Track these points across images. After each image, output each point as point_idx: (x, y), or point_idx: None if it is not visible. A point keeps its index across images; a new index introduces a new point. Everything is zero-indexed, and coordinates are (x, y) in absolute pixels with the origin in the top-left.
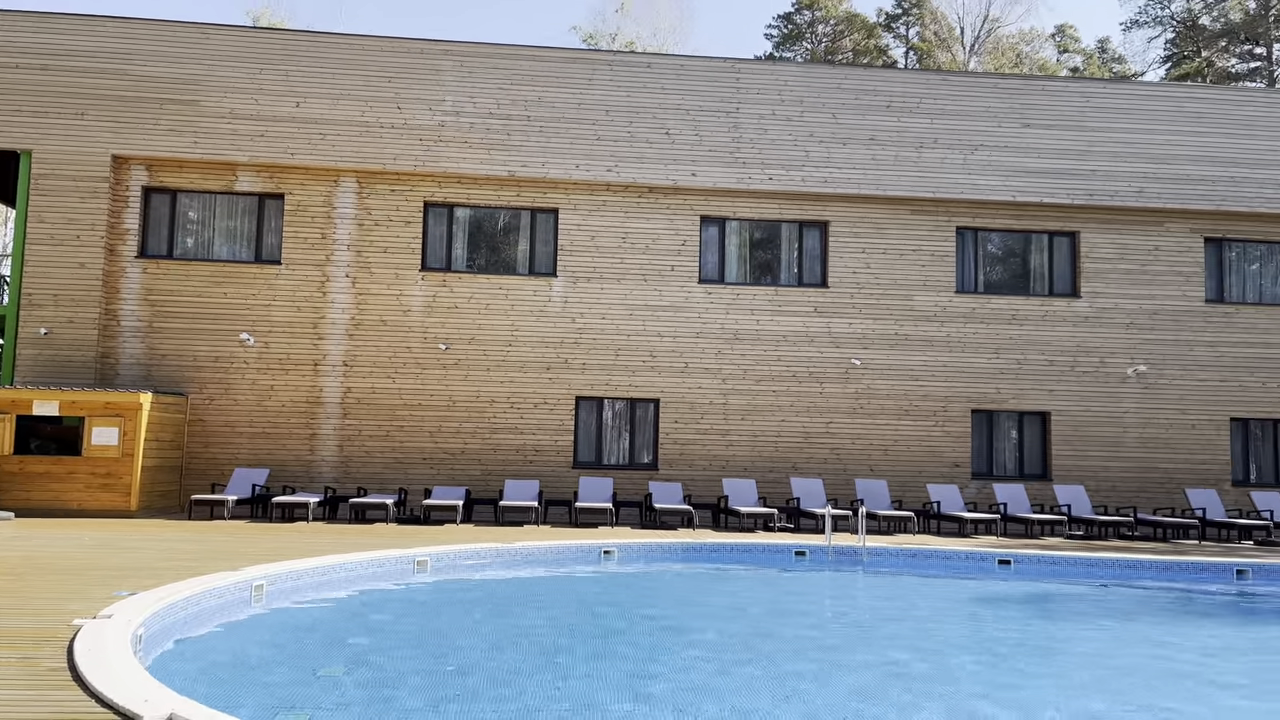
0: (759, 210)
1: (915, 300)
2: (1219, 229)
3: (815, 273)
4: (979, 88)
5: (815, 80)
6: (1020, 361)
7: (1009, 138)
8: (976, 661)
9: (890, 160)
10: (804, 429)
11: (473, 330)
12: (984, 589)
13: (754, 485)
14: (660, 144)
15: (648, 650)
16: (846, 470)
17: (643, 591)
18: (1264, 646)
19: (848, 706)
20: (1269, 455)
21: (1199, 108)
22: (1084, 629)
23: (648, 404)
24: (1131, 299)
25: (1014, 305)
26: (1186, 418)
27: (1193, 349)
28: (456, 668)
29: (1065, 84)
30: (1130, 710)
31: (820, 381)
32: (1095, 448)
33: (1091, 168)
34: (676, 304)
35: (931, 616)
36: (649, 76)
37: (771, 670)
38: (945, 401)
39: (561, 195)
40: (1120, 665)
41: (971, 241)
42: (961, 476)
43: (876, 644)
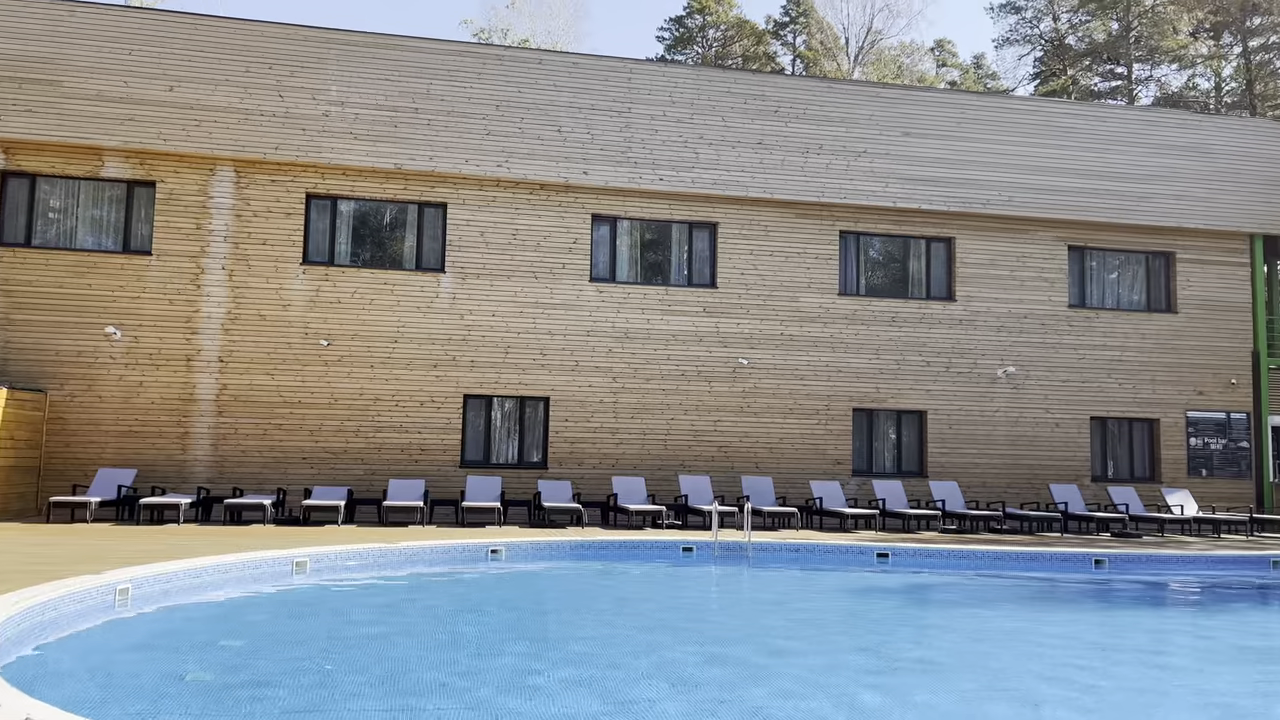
0: (650, 210)
1: (800, 301)
2: (1081, 238)
3: (704, 273)
4: (862, 96)
5: (706, 83)
6: (899, 362)
7: (890, 145)
8: (856, 650)
9: (777, 164)
10: (692, 427)
11: (356, 326)
12: (863, 581)
13: (643, 483)
14: (552, 141)
15: (531, 647)
16: (734, 468)
17: (528, 590)
18: (1118, 629)
19: (732, 696)
20: (1125, 452)
21: (1065, 122)
22: (956, 617)
23: (538, 402)
24: (1002, 303)
25: (893, 308)
26: (1051, 417)
27: (1057, 351)
28: (335, 668)
29: (943, 96)
30: (999, 691)
31: (709, 380)
32: (968, 445)
33: (966, 176)
34: (568, 302)
35: (813, 608)
36: (541, 73)
37: (655, 663)
38: (828, 400)
39: (450, 190)
40: (988, 650)
41: (854, 245)
42: (843, 473)
43: (758, 635)
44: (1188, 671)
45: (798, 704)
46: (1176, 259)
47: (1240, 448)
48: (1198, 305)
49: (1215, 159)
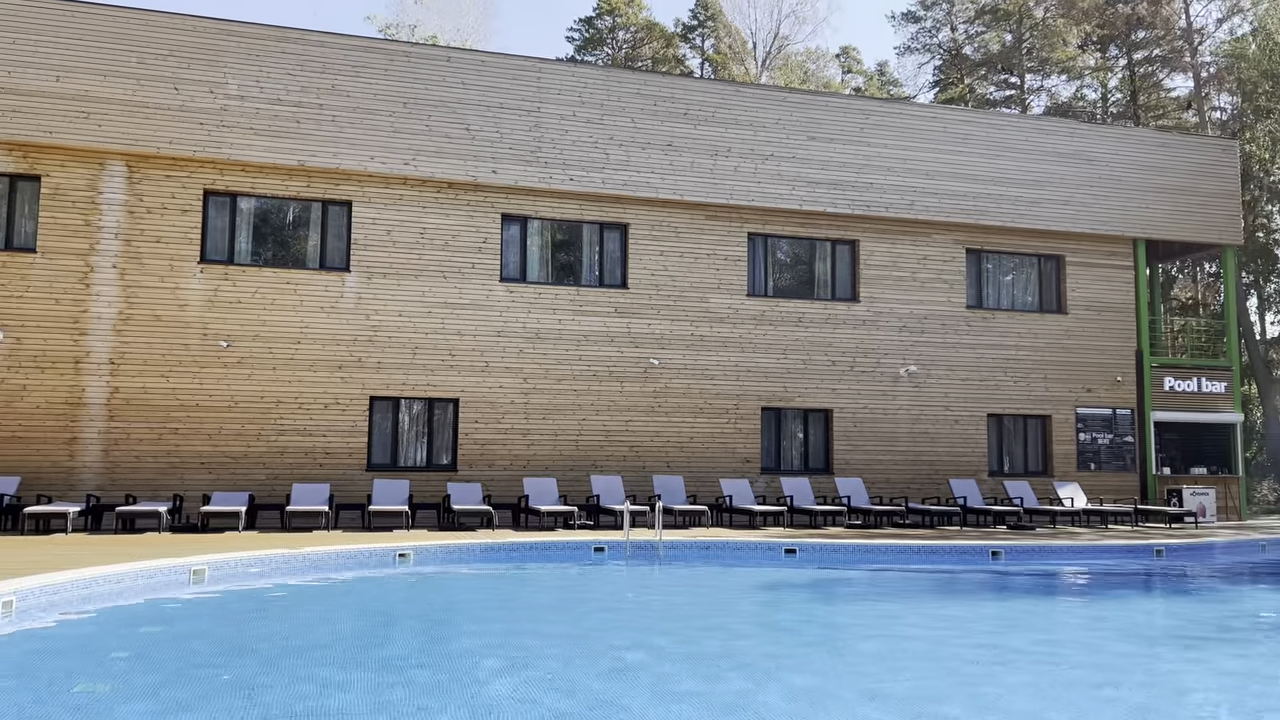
0: (560, 210)
1: (710, 302)
2: (978, 241)
3: (616, 274)
4: (769, 100)
5: (616, 85)
6: (806, 362)
7: (796, 149)
8: (765, 641)
9: (687, 166)
10: (604, 427)
11: (257, 327)
12: (772, 576)
13: (554, 484)
14: (460, 139)
15: (436, 651)
16: (645, 467)
17: (437, 593)
18: (1013, 616)
19: (647, 691)
20: (1019, 448)
21: (962, 129)
22: (860, 608)
23: (447, 404)
24: (904, 304)
25: (800, 308)
26: (950, 414)
27: (956, 351)
28: (234, 678)
29: (847, 101)
30: (902, 678)
31: (620, 381)
32: (872, 443)
33: (869, 180)
34: (477, 302)
35: (722, 603)
36: (449, 71)
37: (562, 662)
38: (737, 400)
39: (355, 188)
40: (892, 638)
41: (762, 247)
42: (752, 471)
43: (668, 631)
44: (1077, 655)
45: (707, 697)
46: (1066, 262)
47: (1125, 442)
48: (1086, 306)
49: (1101, 166)
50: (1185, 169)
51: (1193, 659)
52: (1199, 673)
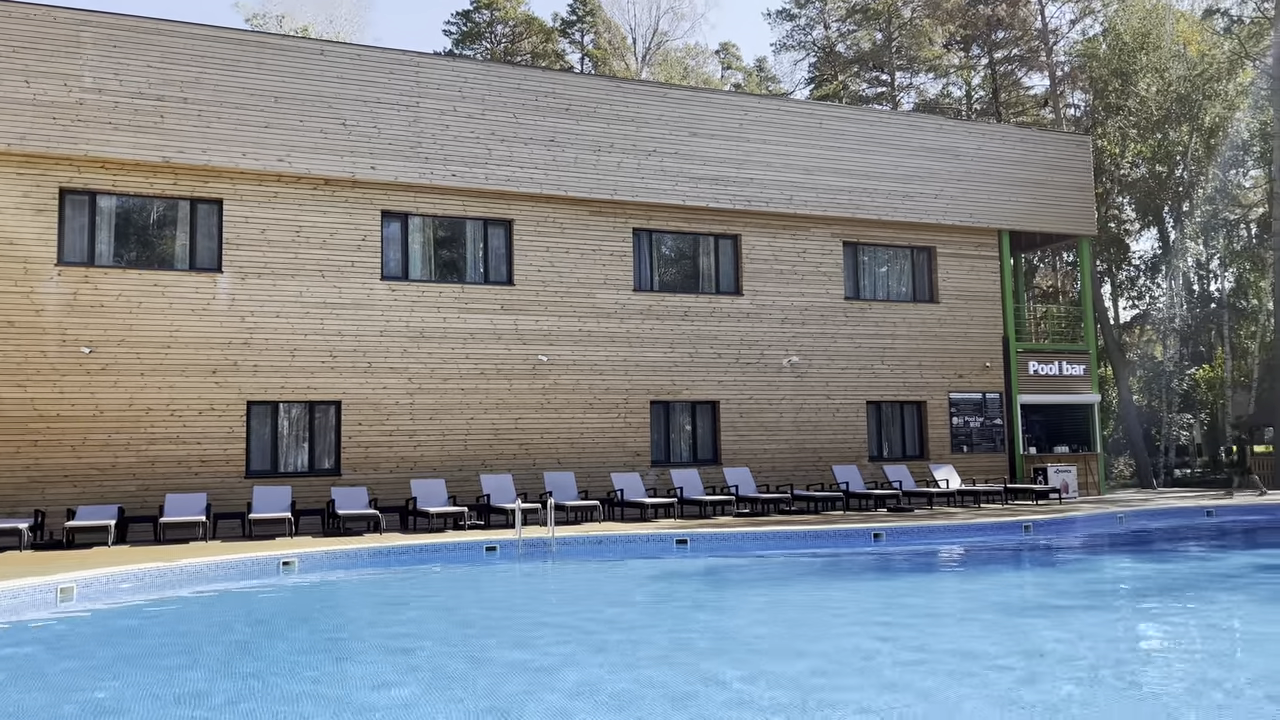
0: (443, 207)
1: (597, 298)
2: (854, 234)
3: (501, 271)
4: (651, 96)
5: (496, 79)
6: (692, 355)
7: (678, 145)
8: (659, 631)
9: (570, 162)
10: (493, 426)
11: (123, 332)
12: (664, 567)
13: (443, 485)
14: (336, 135)
15: (323, 659)
16: (535, 464)
17: (323, 600)
18: (894, 593)
19: (541, 686)
20: (897, 433)
21: (837, 125)
22: (750, 593)
23: (328, 406)
24: (785, 296)
25: (686, 302)
26: (831, 402)
27: (835, 341)
28: (108, 696)
29: (727, 97)
30: (793, 656)
31: (508, 378)
32: (758, 432)
33: (749, 176)
34: (358, 301)
35: (616, 594)
36: (324, 64)
37: (452, 660)
38: (626, 394)
39: (226, 185)
40: (783, 619)
41: (647, 242)
42: (643, 464)
43: (564, 625)
44: (955, 626)
45: (610, 687)
46: (937, 253)
47: (995, 425)
48: (956, 296)
49: (967, 161)
50: (1043, 163)
51: (1059, 623)
52: (1065, 635)
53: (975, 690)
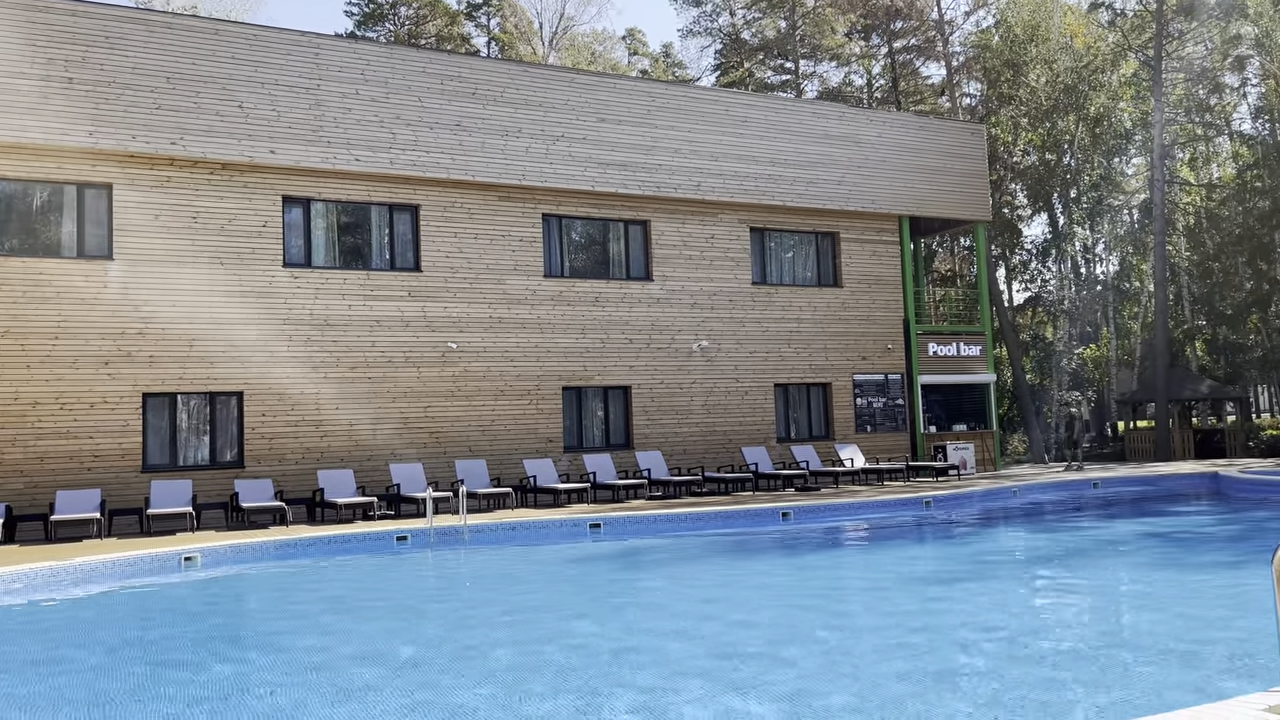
0: (346, 192)
1: (507, 284)
2: (760, 220)
3: (408, 257)
4: (558, 82)
5: (400, 63)
6: (604, 340)
7: (586, 131)
8: (574, 615)
9: (477, 147)
10: (402, 414)
11: (6, 323)
12: (578, 551)
13: (351, 475)
14: (233, 118)
15: (225, 656)
16: (446, 453)
17: (225, 595)
18: (803, 568)
19: (453, 673)
20: (804, 414)
21: (743, 112)
22: (664, 573)
23: (230, 397)
24: (695, 281)
25: (596, 288)
26: (740, 386)
27: (744, 325)
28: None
29: (634, 83)
30: (711, 629)
31: (417, 366)
32: (669, 416)
33: (657, 162)
34: (259, 289)
35: (529, 580)
36: (218, 44)
37: (366, 652)
38: (538, 380)
39: (116, 169)
40: (696, 597)
41: (557, 228)
42: (555, 450)
43: (477, 612)
44: (860, 597)
45: (525, 667)
46: (840, 238)
47: (897, 405)
48: (858, 280)
49: (869, 149)
50: (941, 151)
51: (956, 590)
52: (961, 600)
53: (880, 655)
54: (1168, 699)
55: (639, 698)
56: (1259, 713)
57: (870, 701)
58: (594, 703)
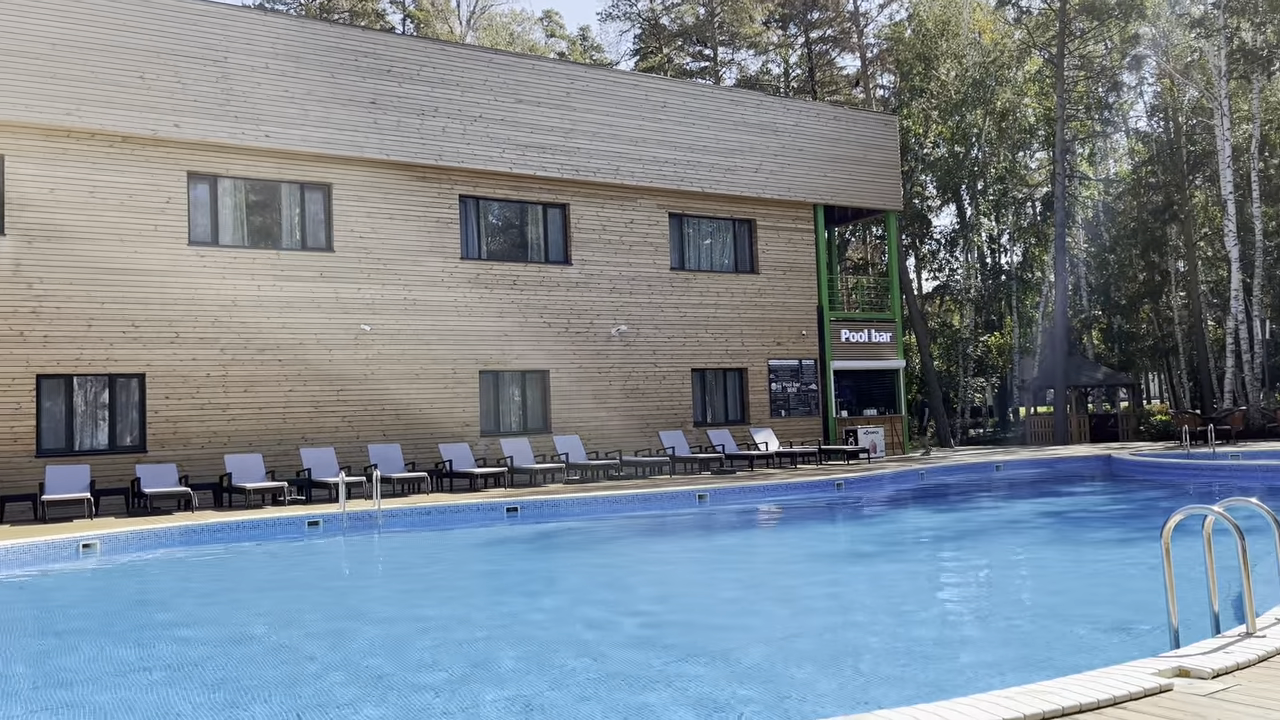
0: (256, 169)
1: (423, 266)
2: (679, 206)
3: (320, 237)
4: (476, 61)
5: (312, 37)
6: (522, 324)
7: (505, 112)
8: (485, 597)
9: (393, 125)
10: (313, 398)
11: None
12: (494, 535)
13: (260, 460)
14: (134, 88)
15: (125, 643)
16: (359, 437)
17: (127, 583)
18: (718, 548)
19: (356, 655)
20: (720, 399)
21: (662, 98)
22: (580, 556)
23: (131, 379)
24: (614, 266)
25: (514, 271)
26: (659, 370)
27: (662, 310)
28: None
29: (553, 65)
30: (623, 610)
31: (329, 349)
32: (587, 400)
33: (576, 145)
34: (162, 268)
35: (445, 564)
36: (114, 11)
37: (273, 640)
38: (454, 364)
39: (8, 140)
40: (611, 579)
41: (474, 210)
42: (472, 435)
43: (387, 597)
44: (772, 575)
45: (446, 649)
46: (757, 226)
47: (810, 390)
48: (774, 267)
49: (785, 137)
50: (855, 141)
51: (864, 565)
52: (869, 575)
53: (794, 627)
54: (1065, 664)
55: (542, 677)
56: (1150, 676)
57: (779, 665)
58: (478, 676)
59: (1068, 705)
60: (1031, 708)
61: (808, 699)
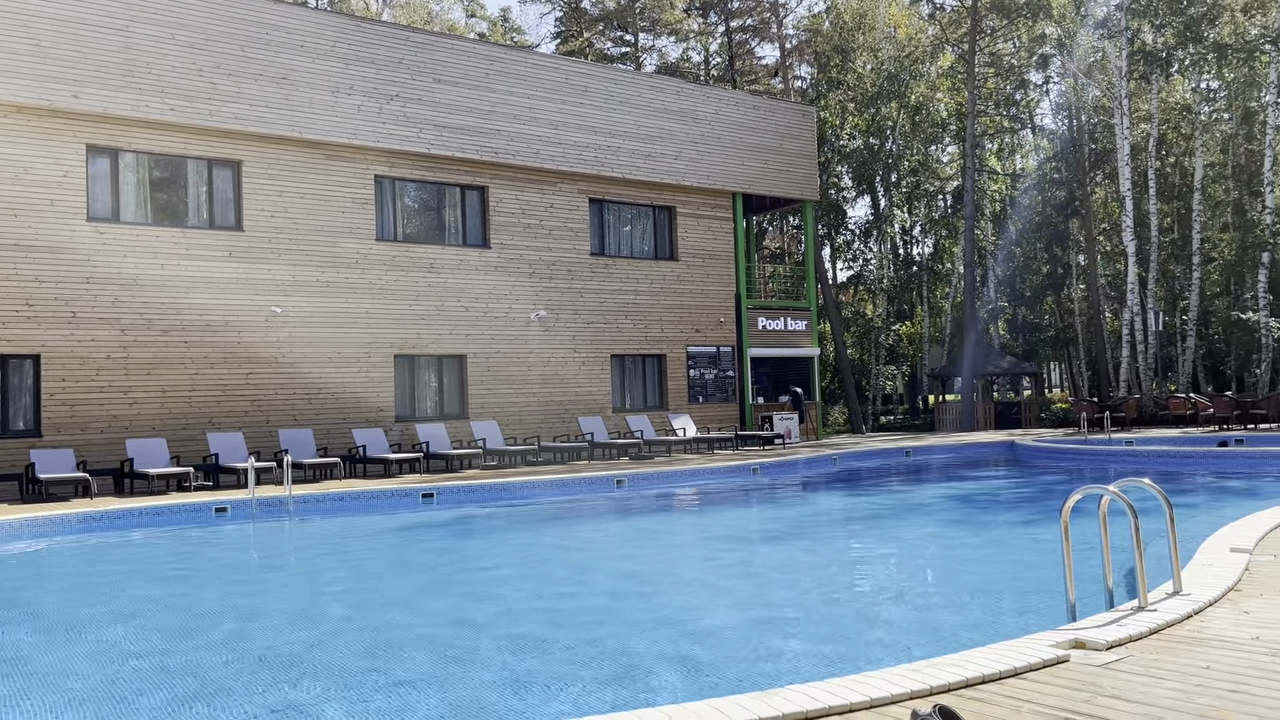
0: (161, 144)
1: (338, 247)
2: (600, 191)
3: (229, 216)
4: (393, 39)
5: (221, 7)
6: (439, 308)
7: (422, 91)
8: (398, 584)
9: (305, 102)
10: (221, 381)
11: None
12: (409, 521)
13: (164, 444)
14: (30, 56)
15: (30, 626)
16: (270, 421)
17: (17, 573)
18: (635, 532)
19: (258, 644)
20: (639, 385)
21: (583, 82)
22: (496, 540)
23: (24, 361)
24: (533, 250)
25: (432, 254)
26: (578, 356)
27: (582, 296)
28: None
29: (472, 46)
30: (546, 596)
31: (238, 331)
32: (505, 386)
33: (496, 127)
34: (59, 244)
35: (357, 551)
36: None
37: (173, 631)
38: (369, 348)
39: None
40: (528, 562)
41: (391, 191)
42: (386, 420)
43: (298, 584)
44: (689, 557)
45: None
46: (677, 213)
47: (728, 376)
48: (694, 254)
49: (705, 125)
50: (774, 131)
51: (778, 546)
52: (779, 558)
53: (706, 608)
54: (970, 639)
55: (453, 662)
56: (1048, 648)
57: (705, 646)
58: (386, 667)
59: (971, 676)
60: (938, 679)
61: (713, 676)
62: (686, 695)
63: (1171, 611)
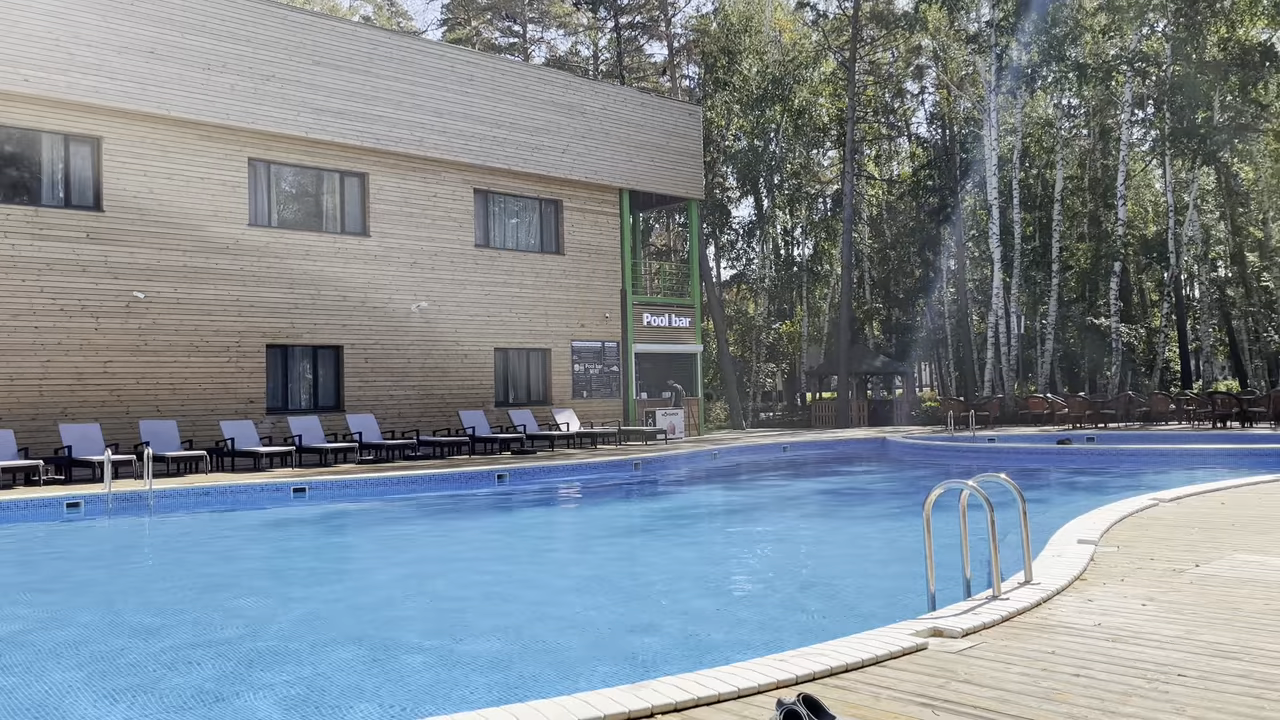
0: (12, 116)
1: (206, 231)
2: (485, 182)
3: (87, 195)
4: (270, 18)
5: None
6: (315, 297)
7: (301, 73)
8: (266, 582)
9: (174, 78)
10: (76, 370)
11: None
12: (279, 516)
13: (12, 436)
14: None
15: None
16: (130, 412)
17: None
18: (516, 526)
19: (115, 638)
20: (523, 379)
21: (469, 71)
22: (370, 536)
23: None
24: (415, 240)
25: (308, 241)
26: (460, 349)
27: (465, 288)
28: None
29: (355, 29)
30: (417, 592)
31: (95, 316)
32: (384, 378)
33: (378, 113)
34: None
35: (221, 548)
36: None
37: (37, 625)
38: (239, 337)
39: None
40: (407, 558)
41: (265, 174)
42: (257, 412)
43: (157, 583)
44: (569, 550)
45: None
46: (564, 207)
47: (612, 371)
48: (580, 249)
49: (593, 120)
50: (661, 129)
51: (655, 539)
52: (659, 551)
53: (580, 601)
54: (835, 629)
55: (318, 660)
56: (908, 636)
57: (555, 640)
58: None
59: (835, 665)
60: (804, 669)
61: (585, 670)
62: (555, 691)
63: (1022, 600)
